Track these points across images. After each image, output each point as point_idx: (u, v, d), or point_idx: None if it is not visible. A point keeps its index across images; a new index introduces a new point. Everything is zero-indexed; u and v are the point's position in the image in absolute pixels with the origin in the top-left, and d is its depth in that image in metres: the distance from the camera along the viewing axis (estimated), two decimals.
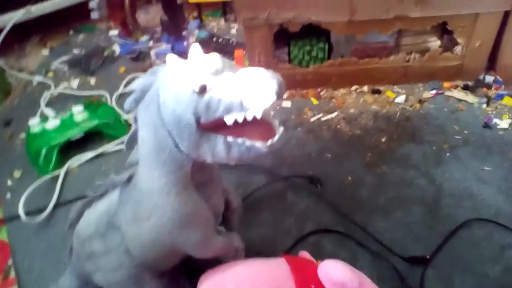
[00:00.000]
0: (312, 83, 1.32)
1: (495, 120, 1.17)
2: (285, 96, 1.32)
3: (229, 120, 0.51)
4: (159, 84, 0.53)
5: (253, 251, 0.87)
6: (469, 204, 0.95)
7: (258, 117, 0.51)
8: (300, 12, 1.16)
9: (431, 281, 0.81)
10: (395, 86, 1.32)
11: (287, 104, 1.29)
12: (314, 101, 1.29)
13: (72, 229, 0.69)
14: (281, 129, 0.55)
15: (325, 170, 1.06)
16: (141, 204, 0.58)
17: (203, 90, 0.50)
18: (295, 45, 1.29)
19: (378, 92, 1.30)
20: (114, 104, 1.32)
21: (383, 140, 1.14)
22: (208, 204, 0.61)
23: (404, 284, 0.80)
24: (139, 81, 0.55)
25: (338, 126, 1.19)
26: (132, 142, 0.58)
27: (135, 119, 0.57)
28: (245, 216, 0.94)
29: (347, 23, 1.18)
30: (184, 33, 1.40)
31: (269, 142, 0.53)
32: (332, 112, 1.25)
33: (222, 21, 1.72)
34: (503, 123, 1.16)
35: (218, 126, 0.52)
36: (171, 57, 0.55)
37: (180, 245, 0.60)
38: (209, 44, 1.54)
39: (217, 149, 0.53)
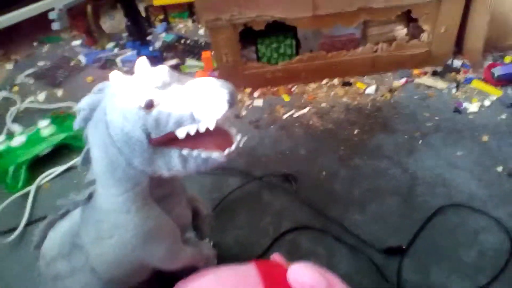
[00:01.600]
0: (283, 80, 1.31)
1: (465, 104, 1.18)
2: (256, 95, 1.31)
3: (180, 133, 0.50)
4: (106, 102, 0.52)
5: (230, 254, 0.87)
6: (442, 190, 0.96)
7: (212, 128, 0.50)
8: (263, 10, 1.15)
9: (408, 271, 0.81)
10: (365, 77, 1.32)
11: (258, 103, 1.28)
12: (286, 98, 1.29)
13: (38, 250, 0.67)
14: (239, 137, 0.54)
15: (299, 167, 1.06)
16: (102, 223, 0.57)
17: (149, 105, 0.49)
18: (262, 43, 1.28)
19: (348, 84, 1.30)
20: None
21: (355, 132, 1.14)
22: (171, 216, 0.59)
23: (382, 275, 0.80)
24: (86, 100, 0.53)
25: (311, 122, 1.19)
26: (86, 162, 0.57)
27: (86, 138, 0.55)
28: (221, 219, 0.94)
29: (311, 18, 1.18)
30: (149, 37, 1.38)
31: (226, 151, 0.52)
32: (304, 108, 1.24)
33: (189, 22, 1.70)
34: (473, 107, 1.17)
35: (172, 140, 0.51)
36: (115, 74, 0.54)
37: (146, 260, 0.59)
38: (177, 47, 1.52)
39: (172, 163, 0.52)
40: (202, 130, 0.49)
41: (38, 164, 1.13)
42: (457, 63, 1.31)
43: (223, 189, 1.02)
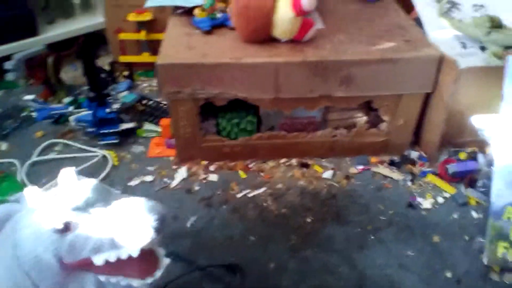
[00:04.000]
0: (241, 155, 1.29)
1: (419, 199, 1.18)
2: (212, 168, 1.27)
3: (98, 260, 0.45)
4: (19, 218, 0.46)
5: None
6: None
7: (135, 255, 0.45)
8: (226, 88, 1.14)
9: None
10: (323, 160, 1.31)
11: (213, 177, 1.24)
12: (242, 175, 1.25)
13: None
14: (166, 261, 0.49)
15: (247, 256, 1.01)
16: None
17: (65, 228, 0.44)
18: (223, 117, 1.26)
19: (306, 165, 1.28)
20: (23, 175, 1.20)
21: (309, 220, 1.11)
22: None
23: None
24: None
25: (265, 204, 1.15)
26: None
27: None
28: None
29: (273, 100, 1.17)
30: (108, 98, 1.34)
31: (149, 279, 0.47)
32: (259, 188, 1.21)
33: (154, 82, 1.67)
34: (426, 203, 1.17)
35: (88, 264, 0.46)
36: (32, 190, 0.48)
37: None
38: (137, 108, 1.47)
39: None
40: (123, 257, 0.44)
41: None
42: (414, 154, 1.32)
43: (160, 278, 0.94)
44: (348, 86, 1.16)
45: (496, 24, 1.24)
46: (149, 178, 1.23)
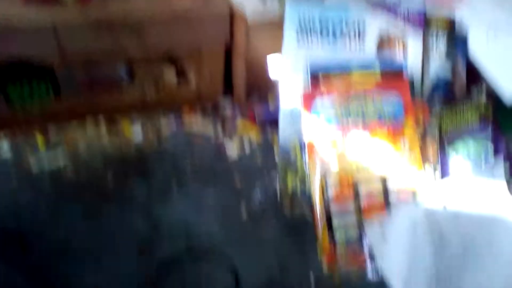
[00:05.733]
0: (39, 122, 1.19)
1: (228, 147, 1.20)
2: (6, 142, 1.16)
3: None
4: None
5: None
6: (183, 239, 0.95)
7: None
8: None
9: None
10: (134, 119, 1.26)
11: (5, 152, 1.13)
12: (41, 143, 1.16)
13: None
14: None
15: (35, 227, 0.95)
16: None
17: None
18: (13, 86, 1.14)
19: (114, 126, 1.23)
20: None
21: (110, 181, 1.07)
22: None
23: None
24: None
25: (65, 173, 1.09)
26: None
27: None
28: None
29: (61, 62, 1.08)
30: None
31: None
32: (59, 156, 1.13)
33: None
34: (234, 151, 1.20)
35: None
36: None
37: None
38: None
39: None
40: None
41: None
42: (227, 102, 1.34)
43: None
44: (142, 43, 1.11)
45: None
46: None
